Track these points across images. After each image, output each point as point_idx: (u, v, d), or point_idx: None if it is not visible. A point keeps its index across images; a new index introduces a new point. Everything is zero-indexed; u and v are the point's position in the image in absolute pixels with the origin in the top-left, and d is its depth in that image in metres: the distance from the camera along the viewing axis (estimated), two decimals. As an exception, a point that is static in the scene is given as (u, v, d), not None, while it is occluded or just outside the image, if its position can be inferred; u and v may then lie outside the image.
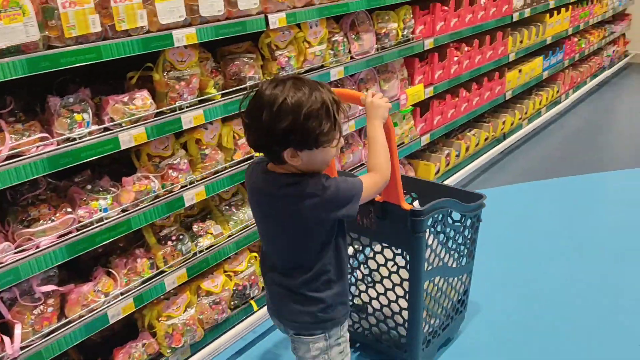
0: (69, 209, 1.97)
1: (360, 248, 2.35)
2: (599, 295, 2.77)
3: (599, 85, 6.46)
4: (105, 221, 2.04)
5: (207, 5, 2.18)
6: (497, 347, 2.49)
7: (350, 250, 2.35)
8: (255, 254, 2.69)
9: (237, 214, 2.57)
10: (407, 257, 2.16)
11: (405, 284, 2.20)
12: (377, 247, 2.27)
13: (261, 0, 2.39)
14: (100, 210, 2.03)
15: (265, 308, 2.66)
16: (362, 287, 2.42)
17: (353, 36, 3.01)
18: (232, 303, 2.58)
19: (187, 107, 2.25)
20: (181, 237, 2.34)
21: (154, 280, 2.23)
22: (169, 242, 2.30)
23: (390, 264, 2.24)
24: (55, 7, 1.77)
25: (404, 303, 2.25)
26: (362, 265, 2.38)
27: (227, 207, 2.59)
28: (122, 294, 2.14)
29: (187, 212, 2.49)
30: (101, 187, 2.10)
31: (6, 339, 1.81)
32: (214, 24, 2.24)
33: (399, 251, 2.18)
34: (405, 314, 2.26)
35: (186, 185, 2.30)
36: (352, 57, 3.00)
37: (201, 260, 2.38)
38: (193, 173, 2.34)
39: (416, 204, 2.54)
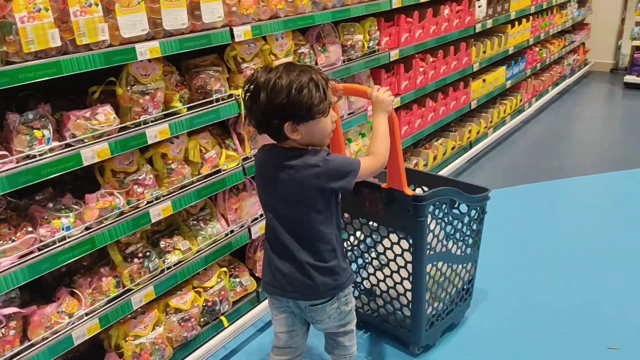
0: (30, 229, 1.91)
1: (369, 233, 2.45)
2: (581, 293, 2.87)
3: (561, 93, 6.63)
4: (68, 240, 1.99)
5: (170, 19, 2.16)
6: (500, 335, 2.60)
7: (360, 235, 2.52)
8: (225, 269, 2.65)
9: (205, 228, 2.53)
10: (410, 241, 2.28)
11: (409, 267, 2.32)
12: (384, 232, 2.39)
13: (226, 13, 2.38)
14: (63, 229, 1.98)
15: (236, 323, 2.64)
16: (371, 270, 2.54)
17: (319, 48, 3.02)
18: (202, 320, 2.54)
19: (152, 121, 2.21)
20: (148, 253, 2.29)
21: (120, 299, 2.18)
22: (136, 260, 2.25)
23: (395, 247, 2.36)
24: (13, 22, 1.73)
25: (408, 285, 2.38)
26: (370, 249, 2.48)
27: (195, 222, 2.55)
28: (87, 314, 2.08)
29: (153, 228, 2.45)
30: (63, 205, 2.05)
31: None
32: (178, 37, 2.21)
33: (403, 235, 2.31)
34: (409, 295, 2.38)
35: (152, 201, 2.26)
36: (318, 69, 3.00)
37: (169, 276, 2.33)
38: (159, 188, 2.30)
39: None
